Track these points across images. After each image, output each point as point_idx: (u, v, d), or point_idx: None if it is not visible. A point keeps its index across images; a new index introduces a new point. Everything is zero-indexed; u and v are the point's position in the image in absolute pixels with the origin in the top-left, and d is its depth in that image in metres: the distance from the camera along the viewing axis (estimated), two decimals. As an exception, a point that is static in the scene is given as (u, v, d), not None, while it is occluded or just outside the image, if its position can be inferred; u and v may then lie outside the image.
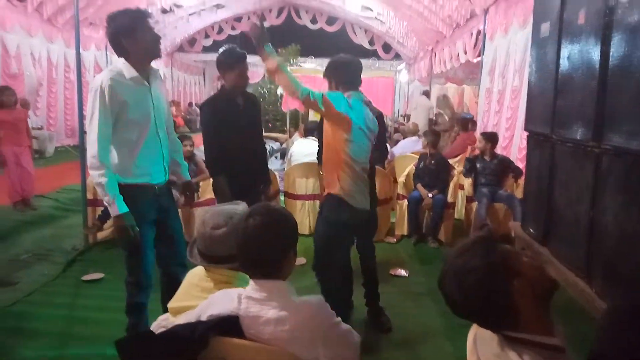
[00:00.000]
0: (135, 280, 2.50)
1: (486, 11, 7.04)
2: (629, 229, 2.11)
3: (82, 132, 4.70)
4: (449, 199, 4.95)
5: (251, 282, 1.36)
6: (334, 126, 2.52)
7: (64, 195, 6.35)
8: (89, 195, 4.58)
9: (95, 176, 2.24)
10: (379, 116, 3.21)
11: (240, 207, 1.68)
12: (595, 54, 2.38)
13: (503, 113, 6.54)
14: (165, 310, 1.72)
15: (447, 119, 9.83)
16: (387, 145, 3.39)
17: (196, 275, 1.63)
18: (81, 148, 4.71)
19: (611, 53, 2.24)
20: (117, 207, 2.25)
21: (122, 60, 2.32)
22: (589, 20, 2.49)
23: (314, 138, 5.52)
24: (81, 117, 4.74)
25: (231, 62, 3.06)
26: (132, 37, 2.27)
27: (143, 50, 2.32)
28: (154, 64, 2.47)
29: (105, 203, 2.29)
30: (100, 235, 4.62)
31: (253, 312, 1.29)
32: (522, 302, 1.02)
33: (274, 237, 1.34)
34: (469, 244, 1.10)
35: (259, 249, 1.34)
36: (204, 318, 1.31)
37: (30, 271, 3.92)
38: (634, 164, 2.07)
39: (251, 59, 3.21)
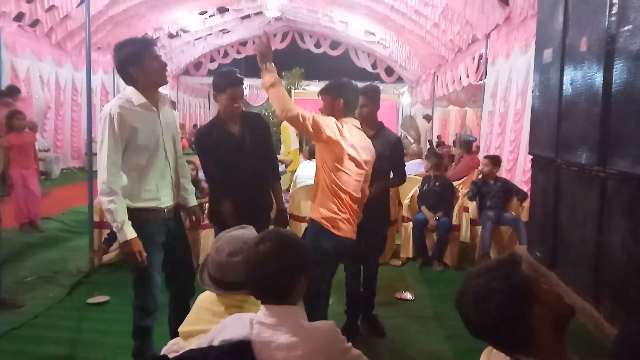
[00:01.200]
0: (142, 304, 2.50)
1: (488, 36, 7.15)
2: (636, 253, 2.11)
3: (91, 154, 4.76)
4: (454, 221, 4.94)
5: (262, 307, 1.37)
6: (323, 151, 2.48)
7: (70, 217, 6.37)
8: (96, 218, 4.60)
9: (104, 202, 2.28)
10: (397, 141, 3.23)
11: (249, 231, 1.69)
12: (598, 80, 2.43)
13: (506, 135, 6.58)
14: (174, 334, 1.72)
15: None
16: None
17: (207, 299, 1.63)
18: (89, 170, 4.75)
19: (614, 79, 2.28)
20: (126, 233, 2.28)
21: (130, 87, 2.38)
22: (591, 47, 2.55)
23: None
24: (89, 139, 4.81)
25: (222, 85, 2.87)
26: (139, 65, 2.32)
27: (150, 77, 2.37)
28: (161, 88, 2.52)
29: (114, 229, 2.32)
30: (106, 257, 4.62)
31: (265, 338, 1.30)
32: (539, 327, 1.02)
33: (285, 263, 1.35)
34: (491, 265, 1.11)
35: (270, 275, 1.34)
36: (216, 343, 1.32)
37: (35, 293, 3.92)
38: (639, 188, 2.09)
39: (256, 82, 3.24)
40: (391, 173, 3.24)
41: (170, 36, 13.37)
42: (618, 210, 2.27)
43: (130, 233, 2.29)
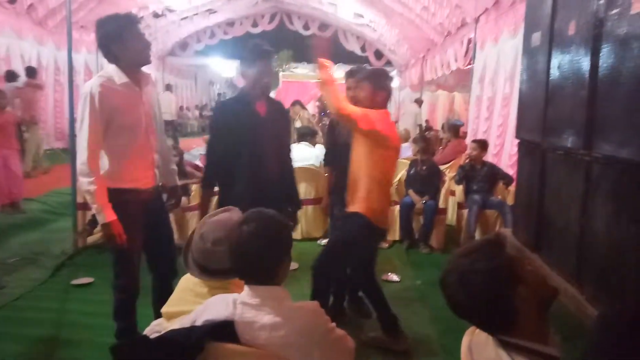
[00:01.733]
0: (122, 284, 2.48)
1: (477, 20, 7.12)
2: (618, 236, 2.14)
3: (73, 135, 4.67)
4: (441, 205, 4.98)
5: (246, 287, 1.36)
6: (369, 144, 2.54)
7: (54, 198, 6.27)
8: (80, 199, 4.53)
9: (84, 183, 2.23)
10: None
11: (235, 214, 1.65)
12: (585, 64, 2.43)
13: (493, 120, 6.61)
14: (158, 315, 1.71)
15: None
16: None
17: (190, 280, 1.61)
18: (71, 151, 4.67)
19: (600, 63, 2.28)
20: (106, 215, 2.24)
21: (112, 65, 2.31)
22: (579, 31, 2.54)
23: (307, 143, 5.53)
24: (72, 120, 4.70)
25: (253, 58, 2.61)
26: (121, 43, 2.26)
27: (132, 56, 2.30)
28: (145, 68, 2.46)
29: (93, 210, 2.29)
30: (90, 239, 4.57)
31: (248, 318, 1.29)
32: (523, 308, 1.03)
33: (268, 244, 1.34)
34: (476, 245, 1.11)
35: (253, 256, 1.34)
36: (199, 323, 1.31)
37: (18, 275, 3.87)
38: (624, 172, 2.11)
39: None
40: None
41: (155, 15, 13.06)
42: (602, 193, 2.29)
43: (110, 215, 2.25)
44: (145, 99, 2.41)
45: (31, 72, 8.11)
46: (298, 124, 7.68)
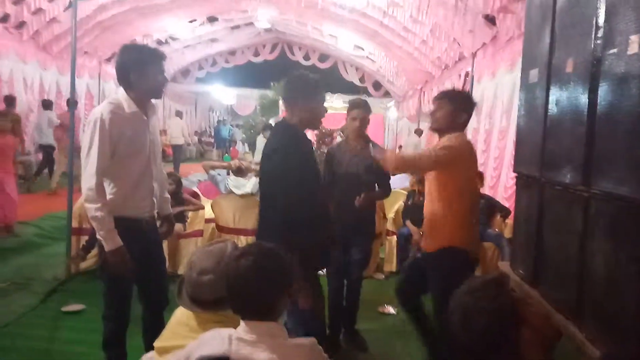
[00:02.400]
0: (113, 314, 2.43)
1: (474, 55, 7.26)
2: (618, 274, 2.12)
3: (72, 158, 4.67)
4: (438, 237, 4.95)
5: (242, 323, 1.32)
6: (447, 175, 2.53)
7: (48, 222, 6.22)
8: (74, 224, 4.50)
9: (91, 210, 2.20)
10: None
11: (230, 246, 1.62)
12: (583, 100, 2.45)
13: (490, 152, 6.65)
14: (149, 347, 1.66)
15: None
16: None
17: (184, 313, 1.58)
18: (69, 175, 4.66)
19: (599, 101, 2.31)
20: (114, 241, 2.22)
21: (121, 92, 2.33)
22: (576, 68, 2.58)
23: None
24: (72, 143, 4.71)
25: (315, 93, 2.47)
26: (142, 73, 2.28)
27: (148, 88, 2.33)
28: None
29: (99, 237, 2.25)
30: (84, 265, 4.51)
31: (244, 354, 1.25)
32: (527, 349, 1.00)
33: (267, 279, 1.30)
34: (479, 284, 1.09)
35: (250, 291, 1.30)
36: (193, 359, 1.27)
37: (8, 300, 3.80)
38: (622, 209, 2.10)
39: (244, 91, 3.22)
40: (376, 186, 3.24)
41: (159, 43, 13.31)
42: (601, 230, 2.28)
43: (118, 241, 2.23)
44: (152, 129, 2.45)
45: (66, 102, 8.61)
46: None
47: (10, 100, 7.95)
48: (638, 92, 2.00)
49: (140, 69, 2.28)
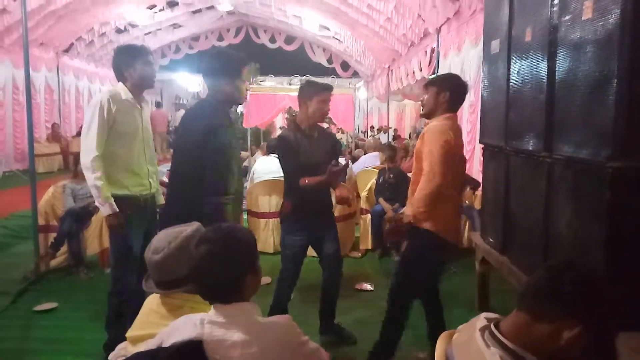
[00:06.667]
0: (118, 289, 2.65)
1: (439, 30, 7.28)
2: (581, 235, 2.19)
3: (32, 155, 4.51)
4: (411, 212, 5.02)
5: (212, 307, 1.31)
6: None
7: (13, 221, 6.03)
8: (41, 221, 4.37)
9: (91, 178, 2.54)
10: (335, 138, 3.42)
11: (190, 228, 1.58)
12: (543, 69, 2.50)
13: (463, 127, 6.73)
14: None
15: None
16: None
17: (154, 301, 1.55)
18: (31, 172, 4.50)
19: (557, 68, 2.35)
20: (111, 207, 2.55)
21: (120, 84, 2.72)
22: (535, 37, 2.62)
23: (276, 156, 5.50)
24: (31, 140, 4.53)
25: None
26: (133, 69, 2.69)
27: (139, 81, 2.73)
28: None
29: (97, 204, 2.60)
30: (54, 262, 4.40)
31: (218, 336, 1.24)
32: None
33: (228, 263, 1.27)
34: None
35: (214, 277, 1.28)
36: (165, 345, 1.26)
37: (-24, 304, 3.68)
38: (583, 173, 2.17)
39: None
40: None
41: (118, 31, 12.88)
42: (564, 193, 2.35)
43: (114, 207, 2.56)
44: (144, 117, 2.83)
45: None
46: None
47: None
48: (593, 57, 2.05)
49: (132, 65, 2.67)
